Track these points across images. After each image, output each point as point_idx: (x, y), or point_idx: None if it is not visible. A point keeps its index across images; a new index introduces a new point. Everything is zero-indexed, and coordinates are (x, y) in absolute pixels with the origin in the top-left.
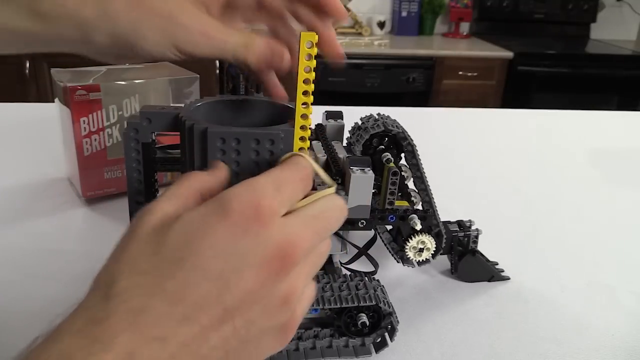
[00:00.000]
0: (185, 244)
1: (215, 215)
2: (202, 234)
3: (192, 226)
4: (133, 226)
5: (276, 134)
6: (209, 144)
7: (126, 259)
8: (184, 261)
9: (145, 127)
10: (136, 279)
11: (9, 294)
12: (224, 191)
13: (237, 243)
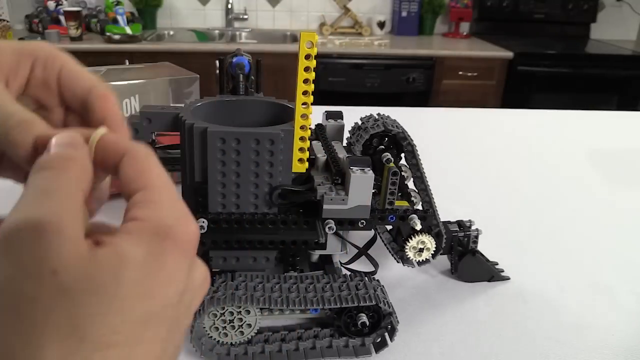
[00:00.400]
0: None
1: (163, 244)
2: (158, 266)
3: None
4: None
5: (276, 134)
6: (209, 144)
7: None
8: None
9: (145, 127)
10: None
11: None
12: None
13: (182, 270)
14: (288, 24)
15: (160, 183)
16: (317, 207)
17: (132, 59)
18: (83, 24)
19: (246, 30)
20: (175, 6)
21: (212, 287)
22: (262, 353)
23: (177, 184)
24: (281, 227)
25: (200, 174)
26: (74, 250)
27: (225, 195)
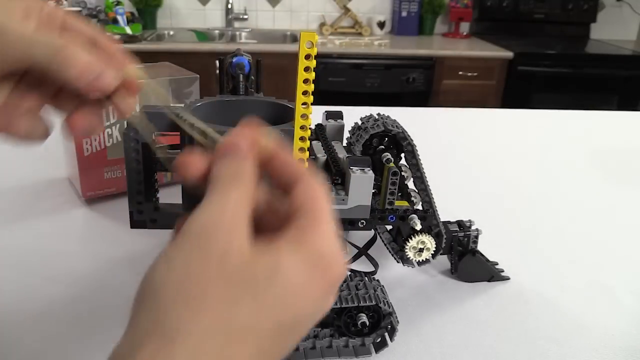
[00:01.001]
0: (290, 294)
1: (318, 272)
2: (305, 288)
3: (297, 279)
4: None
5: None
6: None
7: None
8: (283, 326)
9: (145, 127)
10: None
11: (9, 294)
12: (318, 242)
13: (325, 299)
14: (288, 24)
15: (329, 215)
16: None
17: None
18: None
19: (246, 30)
20: (175, 6)
21: None
22: None
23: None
24: None
25: None
26: (240, 248)
27: None
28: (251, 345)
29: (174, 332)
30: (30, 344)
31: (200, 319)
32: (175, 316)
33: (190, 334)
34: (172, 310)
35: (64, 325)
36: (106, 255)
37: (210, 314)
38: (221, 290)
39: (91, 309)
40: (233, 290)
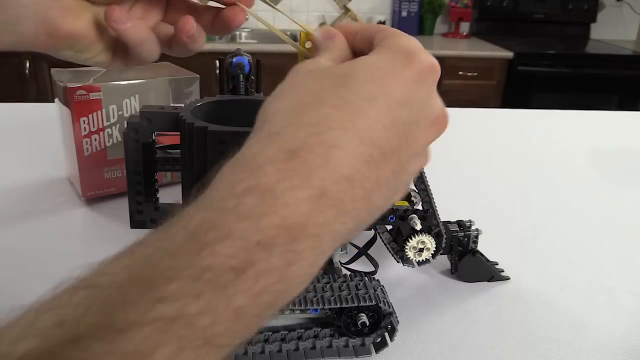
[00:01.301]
0: (375, 84)
1: (402, 62)
2: (391, 77)
3: (380, 69)
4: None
5: None
6: (209, 143)
7: (309, 92)
8: (375, 100)
9: (145, 127)
10: (326, 110)
11: (9, 294)
12: (401, 41)
13: (418, 94)
14: (288, 24)
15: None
16: None
17: None
18: None
19: (246, 30)
20: None
21: None
22: (262, 353)
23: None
24: None
25: (200, 174)
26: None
27: None
28: (343, 113)
29: (272, 113)
30: None
31: (291, 100)
32: (273, 106)
33: (285, 109)
34: (272, 105)
35: None
36: (106, 255)
37: (298, 94)
38: (308, 82)
39: None
40: (317, 81)
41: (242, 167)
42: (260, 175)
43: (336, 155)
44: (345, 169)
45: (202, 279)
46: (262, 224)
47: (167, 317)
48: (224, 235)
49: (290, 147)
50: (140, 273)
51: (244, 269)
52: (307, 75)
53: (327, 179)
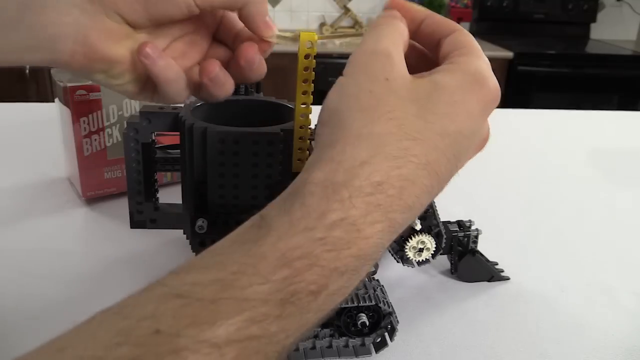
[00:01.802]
0: (449, 118)
1: (476, 94)
2: (464, 112)
3: (456, 103)
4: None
5: (275, 134)
6: (209, 144)
7: (392, 120)
8: (447, 136)
9: (145, 127)
10: (407, 144)
11: (9, 294)
12: (476, 63)
13: (480, 123)
14: (288, 24)
15: (481, 52)
16: None
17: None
18: None
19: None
20: None
21: None
22: None
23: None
24: None
25: (200, 174)
26: (400, 71)
27: (224, 195)
28: (420, 147)
29: (357, 137)
30: (29, 343)
31: (377, 123)
32: (355, 123)
33: (370, 134)
34: (352, 117)
35: (64, 325)
36: (106, 255)
37: (384, 119)
38: (391, 101)
39: (91, 308)
40: (400, 102)
41: (333, 195)
42: (349, 208)
43: (408, 189)
44: (411, 200)
45: (288, 303)
46: (342, 255)
47: (254, 336)
48: (311, 263)
49: (375, 179)
50: (232, 292)
51: (320, 292)
52: (390, 95)
53: (398, 211)
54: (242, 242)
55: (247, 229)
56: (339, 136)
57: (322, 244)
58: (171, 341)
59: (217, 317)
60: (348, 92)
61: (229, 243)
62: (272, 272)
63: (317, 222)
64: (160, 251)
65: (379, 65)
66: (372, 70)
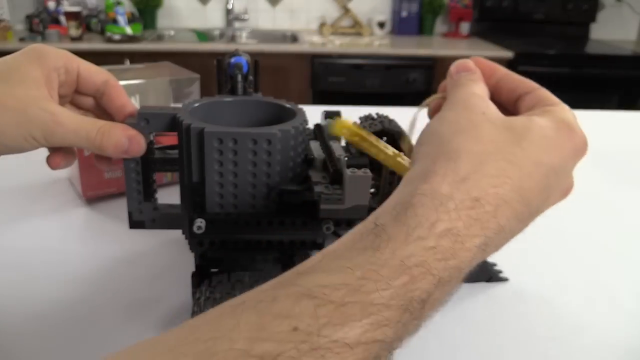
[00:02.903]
0: (543, 150)
1: (566, 136)
2: (556, 148)
3: (549, 138)
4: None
5: (273, 134)
6: (206, 144)
7: (491, 142)
8: (541, 165)
9: (143, 127)
10: (504, 165)
11: (9, 294)
12: (564, 112)
13: (569, 165)
14: (288, 24)
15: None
16: (315, 207)
17: (132, 59)
18: (83, 24)
19: (246, 30)
20: (175, 6)
21: (210, 287)
22: None
23: (177, 184)
24: (279, 227)
25: (198, 174)
26: (496, 109)
27: (222, 196)
28: (515, 171)
29: (457, 152)
30: (29, 343)
31: (478, 144)
32: (455, 142)
33: (470, 152)
34: (452, 137)
35: (64, 325)
36: (106, 255)
37: (483, 141)
38: (488, 127)
39: (91, 308)
40: (497, 129)
41: (441, 206)
42: (455, 220)
43: (502, 209)
44: (504, 221)
45: (405, 309)
46: (448, 264)
47: (377, 340)
48: (425, 271)
49: (474, 194)
50: (359, 296)
51: (427, 300)
52: (488, 123)
53: (492, 229)
54: (362, 248)
55: (364, 236)
56: (440, 153)
57: (433, 253)
58: (310, 339)
59: (348, 319)
60: (448, 119)
61: (346, 248)
62: (394, 278)
63: (428, 231)
64: (160, 251)
65: (476, 102)
66: (471, 105)
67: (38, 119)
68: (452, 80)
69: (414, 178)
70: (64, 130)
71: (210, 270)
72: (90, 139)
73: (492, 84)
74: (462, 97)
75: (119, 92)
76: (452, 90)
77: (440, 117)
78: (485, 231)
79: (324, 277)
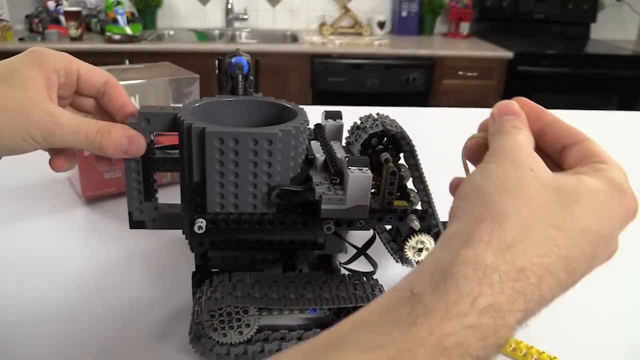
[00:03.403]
0: (593, 217)
1: (618, 201)
2: (607, 215)
3: (600, 203)
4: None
5: (274, 134)
6: (207, 144)
7: (538, 206)
8: (589, 234)
9: (144, 127)
10: (551, 233)
11: (9, 294)
12: (617, 173)
13: (618, 232)
14: (288, 24)
15: (619, 165)
16: (316, 207)
17: (132, 59)
18: (83, 24)
19: (246, 30)
20: (175, 6)
21: (210, 287)
22: (261, 352)
23: (177, 184)
24: (279, 227)
25: (199, 174)
26: (544, 165)
27: (223, 196)
28: (563, 239)
29: (503, 216)
30: (29, 343)
31: (524, 207)
32: (501, 204)
33: (517, 218)
34: (498, 198)
35: (64, 324)
36: (106, 255)
37: (531, 204)
38: (537, 188)
39: (91, 308)
40: (545, 191)
41: (484, 278)
42: (498, 294)
43: (547, 279)
44: (546, 291)
45: None
46: (487, 342)
47: None
48: (463, 352)
49: (519, 264)
50: None
51: None
52: (536, 183)
53: (534, 301)
54: (396, 320)
55: (399, 305)
56: (484, 214)
57: (473, 332)
58: None
59: None
60: (494, 175)
61: (379, 317)
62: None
63: (470, 307)
64: (160, 251)
65: (524, 156)
66: (518, 160)
67: (37, 120)
68: (495, 123)
69: (454, 239)
70: (63, 131)
71: (210, 270)
72: (90, 139)
73: (536, 129)
74: (507, 148)
75: (119, 92)
76: (495, 136)
77: (485, 170)
78: (527, 304)
79: (356, 356)
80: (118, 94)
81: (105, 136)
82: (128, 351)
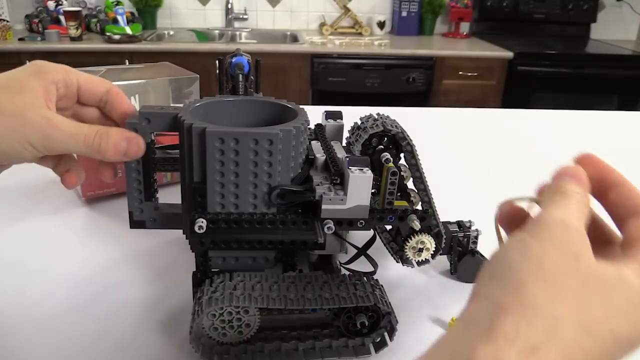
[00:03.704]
0: (629, 324)
1: None
2: None
3: (637, 306)
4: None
5: (275, 134)
6: (208, 144)
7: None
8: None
9: (144, 127)
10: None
11: (9, 294)
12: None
13: None
14: (288, 24)
15: None
16: (316, 207)
17: (132, 59)
18: (83, 24)
19: (246, 30)
20: (175, 6)
21: (211, 287)
22: (261, 352)
23: (177, 184)
24: (280, 227)
25: (199, 174)
26: (589, 251)
27: (224, 195)
28: (595, 341)
29: (533, 309)
30: (30, 343)
31: (557, 302)
32: (535, 293)
33: (548, 314)
34: (533, 287)
35: (64, 324)
36: (106, 255)
37: (566, 300)
38: (576, 283)
39: (91, 308)
40: (584, 286)
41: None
42: None
43: None
44: None
45: None
46: None
47: None
48: None
49: None
50: None
51: None
52: (576, 274)
53: None
54: None
55: None
56: (514, 303)
57: None
58: None
59: None
60: (532, 254)
61: None
62: None
63: None
64: (160, 251)
65: (568, 239)
66: (562, 242)
67: (35, 124)
68: (552, 185)
69: (475, 324)
70: (61, 134)
71: (211, 269)
72: (89, 142)
73: (600, 191)
74: (555, 223)
75: (121, 99)
76: (548, 199)
77: (523, 246)
78: None
79: None
80: (120, 100)
81: (103, 139)
82: (128, 351)
